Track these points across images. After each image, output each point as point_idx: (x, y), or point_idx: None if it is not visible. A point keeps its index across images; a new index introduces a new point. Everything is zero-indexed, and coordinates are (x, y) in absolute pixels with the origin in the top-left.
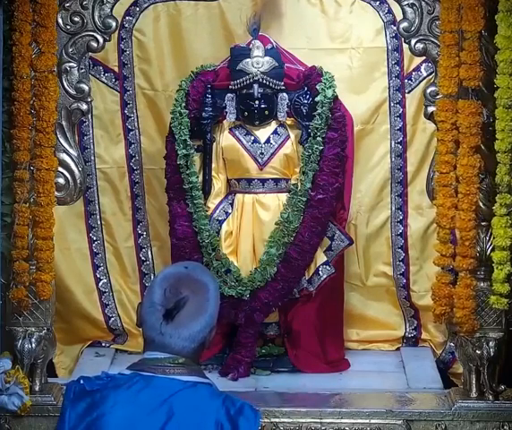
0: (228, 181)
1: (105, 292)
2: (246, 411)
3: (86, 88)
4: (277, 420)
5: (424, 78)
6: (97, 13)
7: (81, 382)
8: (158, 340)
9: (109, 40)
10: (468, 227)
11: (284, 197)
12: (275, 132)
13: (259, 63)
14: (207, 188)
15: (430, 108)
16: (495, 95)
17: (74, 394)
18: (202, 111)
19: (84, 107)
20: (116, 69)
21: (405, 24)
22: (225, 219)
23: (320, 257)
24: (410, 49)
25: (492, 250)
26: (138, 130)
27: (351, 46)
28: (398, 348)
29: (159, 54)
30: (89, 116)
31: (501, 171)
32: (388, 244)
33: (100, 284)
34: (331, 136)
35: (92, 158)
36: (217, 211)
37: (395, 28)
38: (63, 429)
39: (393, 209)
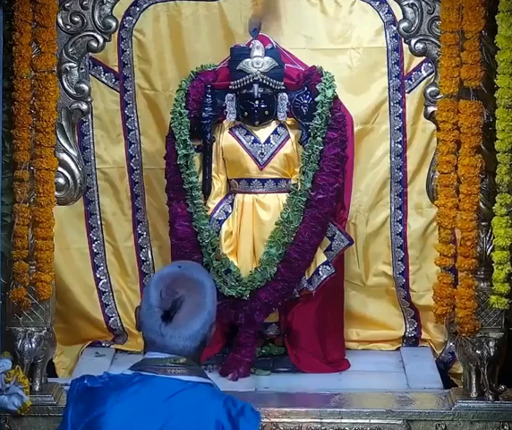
0: (228, 181)
1: (105, 292)
2: (247, 413)
3: (86, 88)
4: (277, 420)
5: (424, 78)
6: (97, 13)
7: (85, 380)
8: (159, 342)
9: (109, 40)
10: (470, 228)
11: (284, 197)
12: (275, 132)
13: (259, 63)
14: (207, 188)
15: (430, 108)
16: (495, 95)
17: (77, 392)
18: (202, 111)
19: (84, 107)
20: (116, 69)
21: (405, 24)
22: (225, 219)
23: (320, 257)
24: (410, 49)
25: (492, 250)
26: (138, 130)
27: (351, 46)
28: (398, 348)
29: (159, 54)
30: (89, 115)
31: (501, 171)
32: (387, 243)
33: (100, 284)
34: (331, 136)
35: (92, 158)
36: (217, 211)
37: (395, 28)
38: (65, 427)
39: (392, 208)
